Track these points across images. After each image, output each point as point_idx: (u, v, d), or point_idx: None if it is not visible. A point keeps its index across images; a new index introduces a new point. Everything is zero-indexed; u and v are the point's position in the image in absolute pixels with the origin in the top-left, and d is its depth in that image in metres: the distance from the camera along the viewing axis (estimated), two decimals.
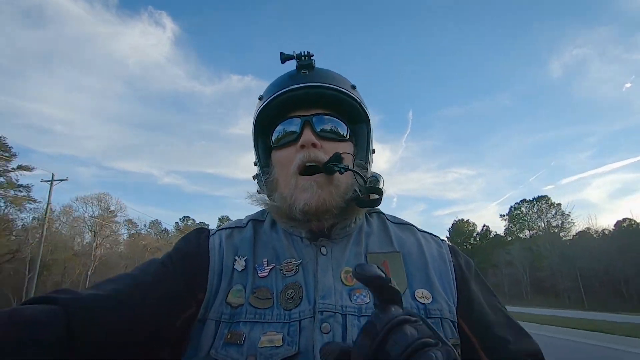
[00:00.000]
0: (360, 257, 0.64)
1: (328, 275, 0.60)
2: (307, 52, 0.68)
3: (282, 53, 0.69)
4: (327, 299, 0.56)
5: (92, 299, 0.49)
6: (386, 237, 0.68)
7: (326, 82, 0.66)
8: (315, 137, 0.63)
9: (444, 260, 0.66)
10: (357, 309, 0.56)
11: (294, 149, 0.64)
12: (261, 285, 0.59)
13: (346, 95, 0.67)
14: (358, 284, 0.59)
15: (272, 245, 0.65)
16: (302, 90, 0.65)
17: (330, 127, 0.66)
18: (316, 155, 0.62)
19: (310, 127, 0.64)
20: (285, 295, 0.57)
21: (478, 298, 0.64)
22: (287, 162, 0.64)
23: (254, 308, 0.56)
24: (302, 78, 0.66)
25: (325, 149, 0.63)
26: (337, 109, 0.67)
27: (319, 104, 0.66)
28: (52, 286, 21.90)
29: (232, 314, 0.56)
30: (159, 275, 0.57)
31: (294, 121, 0.65)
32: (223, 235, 0.67)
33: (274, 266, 0.62)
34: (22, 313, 0.44)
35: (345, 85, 0.68)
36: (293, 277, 0.60)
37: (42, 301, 0.48)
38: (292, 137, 0.65)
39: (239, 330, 0.54)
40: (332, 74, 0.70)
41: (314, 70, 0.68)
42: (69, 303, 0.47)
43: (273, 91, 0.67)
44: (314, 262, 0.62)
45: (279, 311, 0.56)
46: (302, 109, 0.66)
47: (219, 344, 0.53)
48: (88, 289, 0.53)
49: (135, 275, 0.57)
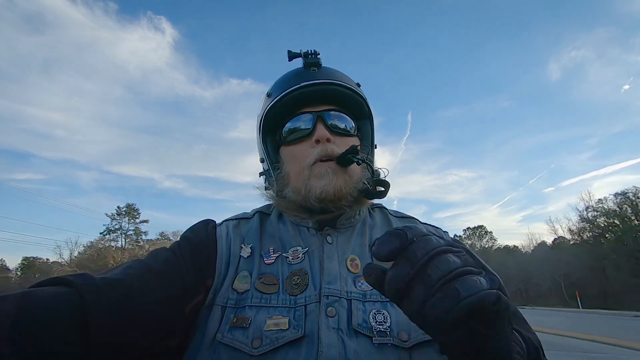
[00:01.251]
0: (365, 247, 0.65)
1: (334, 262, 0.61)
2: (313, 51, 0.71)
3: (289, 51, 0.71)
4: (333, 284, 0.57)
5: (105, 283, 0.48)
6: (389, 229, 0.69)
7: (334, 79, 0.69)
8: (328, 132, 0.65)
9: None
10: (361, 294, 0.57)
11: (308, 144, 0.66)
12: (267, 272, 0.60)
13: (353, 92, 0.70)
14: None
15: (278, 235, 0.67)
16: (313, 87, 0.67)
17: (339, 122, 0.68)
18: (332, 149, 0.64)
19: (323, 122, 0.66)
20: (291, 282, 0.58)
21: None
22: (301, 156, 0.66)
23: (260, 293, 0.57)
24: (312, 75, 0.69)
25: (336, 143, 0.65)
26: (344, 105, 0.70)
27: (328, 100, 0.68)
28: None
29: (238, 299, 0.57)
30: (169, 262, 0.57)
31: (306, 117, 0.67)
32: (230, 225, 0.68)
33: (280, 254, 0.63)
34: (36, 295, 0.43)
35: (351, 83, 0.71)
36: (299, 264, 0.61)
37: (57, 283, 0.47)
38: (304, 132, 0.67)
39: (244, 314, 0.54)
40: (338, 72, 0.73)
41: (321, 68, 0.71)
42: (82, 286, 0.46)
43: (284, 87, 0.68)
44: (320, 250, 0.63)
45: (284, 296, 0.56)
46: (312, 105, 0.68)
47: (225, 328, 0.53)
48: (101, 274, 0.52)
49: (146, 262, 0.57)
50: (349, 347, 0.50)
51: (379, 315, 0.54)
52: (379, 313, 0.54)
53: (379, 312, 0.54)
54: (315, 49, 0.71)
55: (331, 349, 0.50)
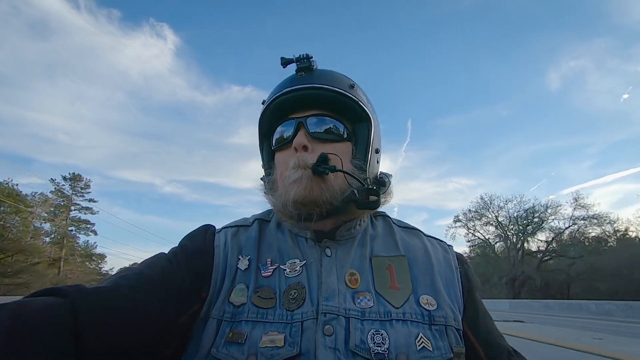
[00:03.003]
0: (365, 259, 0.63)
1: (332, 276, 0.59)
2: (305, 55, 0.69)
3: (282, 58, 0.70)
4: (331, 300, 0.56)
5: (98, 293, 0.49)
6: (392, 241, 0.67)
7: (322, 83, 0.65)
8: (307, 138, 0.63)
9: (451, 267, 0.65)
10: (360, 312, 0.55)
11: (291, 151, 0.64)
12: (264, 285, 0.59)
13: (341, 94, 0.65)
14: (362, 287, 0.58)
15: (277, 246, 0.65)
16: (296, 93, 0.65)
17: (325, 127, 0.65)
18: (305, 160, 0.61)
19: (304, 128, 0.64)
20: (288, 296, 0.57)
21: (482, 307, 0.63)
22: (284, 163, 0.65)
23: (256, 307, 0.56)
24: (299, 80, 0.66)
25: (319, 150, 0.62)
26: (335, 108, 0.66)
27: (316, 105, 0.66)
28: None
29: (234, 313, 0.56)
30: (165, 271, 0.57)
31: (290, 123, 0.66)
32: (229, 233, 0.67)
33: (278, 266, 0.61)
34: (30, 305, 0.44)
35: (342, 85, 0.67)
36: (297, 278, 0.59)
37: (50, 293, 0.48)
38: (287, 139, 0.65)
39: (240, 329, 0.53)
40: (330, 74, 0.69)
41: (312, 72, 0.68)
42: (76, 296, 0.47)
43: (272, 94, 0.68)
44: (318, 263, 0.61)
45: (281, 311, 0.55)
46: (299, 110, 0.66)
47: (220, 342, 0.53)
48: (95, 284, 0.53)
49: (141, 270, 0.57)
50: None
51: (377, 336, 0.52)
52: (378, 333, 0.52)
53: (377, 333, 0.52)
54: (308, 53, 0.69)
55: None
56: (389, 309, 0.55)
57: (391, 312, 0.55)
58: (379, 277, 0.60)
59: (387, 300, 0.57)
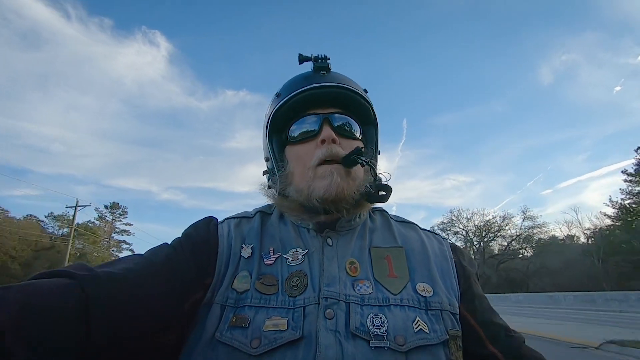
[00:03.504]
0: (365, 250, 0.66)
1: (333, 264, 0.62)
2: (324, 55, 0.72)
3: (300, 54, 0.72)
4: (332, 286, 0.58)
5: (107, 277, 0.49)
6: (389, 233, 0.71)
7: (344, 83, 0.70)
8: (334, 133, 0.66)
9: (446, 257, 0.69)
10: (360, 297, 0.58)
11: (313, 145, 0.67)
12: (267, 272, 0.60)
13: (361, 97, 0.71)
14: (361, 275, 0.61)
15: (279, 236, 0.67)
16: (322, 89, 0.68)
17: (345, 125, 0.69)
18: (337, 151, 0.65)
19: (330, 124, 0.67)
20: (290, 283, 0.58)
21: (478, 291, 0.68)
22: (305, 156, 0.67)
23: (259, 293, 0.57)
24: (321, 78, 0.69)
25: (342, 145, 0.66)
26: (351, 109, 0.71)
27: (335, 103, 0.69)
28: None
29: (237, 299, 0.57)
30: (170, 258, 0.58)
31: (312, 118, 0.68)
32: (232, 223, 0.68)
33: (280, 255, 0.63)
34: (40, 286, 0.44)
35: (359, 89, 0.72)
36: (299, 266, 0.61)
37: (59, 275, 0.48)
38: (311, 133, 0.67)
39: (244, 314, 0.55)
40: (346, 77, 0.73)
41: (330, 73, 0.71)
42: (85, 278, 0.47)
43: (293, 89, 0.69)
44: (320, 252, 0.63)
45: (283, 297, 0.57)
46: (319, 107, 0.69)
47: (224, 327, 0.54)
48: (101, 266, 0.53)
49: (146, 257, 0.58)
50: (347, 349, 0.51)
51: (376, 319, 0.55)
52: (377, 317, 0.55)
53: (376, 316, 0.55)
54: (326, 54, 0.72)
55: (329, 350, 0.51)
56: (387, 295, 0.59)
57: (389, 298, 0.58)
58: (377, 266, 0.63)
59: (385, 287, 0.60)
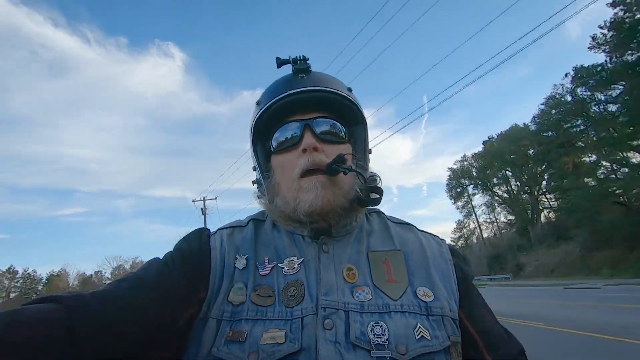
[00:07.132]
0: (362, 254, 0.64)
1: (330, 272, 0.59)
2: (302, 57, 0.69)
3: (277, 58, 0.70)
4: (330, 295, 0.56)
5: (94, 298, 0.49)
6: (387, 236, 0.69)
7: (323, 85, 0.66)
8: (316, 140, 0.63)
9: (445, 259, 0.67)
10: (359, 305, 0.56)
11: (296, 153, 0.64)
12: (262, 283, 0.59)
13: (344, 97, 0.67)
14: (360, 281, 0.59)
15: (273, 245, 0.65)
16: (300, 95, 0.65)
17: (329, 129, 0.66)
18: (320, 159, 0.62)
19: (311, 130, 0.64)
20: (287, 293, 0.57)
21: (477, 297, 0.66)
22: (289, 166, 0.64)
23: (255, 305, 0.55)
24: (300, 82, 0.67)
25: (326, 151, 0.63)
26: (335, 111, 0.68)
27: (317, 107, 0.66)
28: None
29: (233, 312, 0.55)
30: (162, 275, 0.57)
31: (293, 125, 0.65)
32: (224, 234, 0.66)
33: (275, 264, 0.61)
34: (25, 312, 0.44)
35: (342, 88, 0.69)
36: (295, 275, 0.59)
37: (46, 301, 0.48)
38: (293, 141, 0.65)
39: (240, 328, 0.53)
40: (328, 77, 0.70)
41: (310, 74, 0.69)
42: (71, 303, 0.47)
43: (271, 96, 0.67)
44: (316, 259, 0.61)
45: (280, 308, 0.55)
46: (300, 112, 0.66)
47: (221, 342, 0.53)
48: (93, 290, 0.52)
49: (138, 275, 0.57)
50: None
51: (377, 327, 0.53)
52: (377, 325, 0.53)
53: (377, 324, 0.53)
54: (304, 55, 0.70)
55: None
56: (387, 301, 0.57)
57: (389, 304, 0.56)
58: (376, 271, 0.61)
59: (385, 293, 0.58)
